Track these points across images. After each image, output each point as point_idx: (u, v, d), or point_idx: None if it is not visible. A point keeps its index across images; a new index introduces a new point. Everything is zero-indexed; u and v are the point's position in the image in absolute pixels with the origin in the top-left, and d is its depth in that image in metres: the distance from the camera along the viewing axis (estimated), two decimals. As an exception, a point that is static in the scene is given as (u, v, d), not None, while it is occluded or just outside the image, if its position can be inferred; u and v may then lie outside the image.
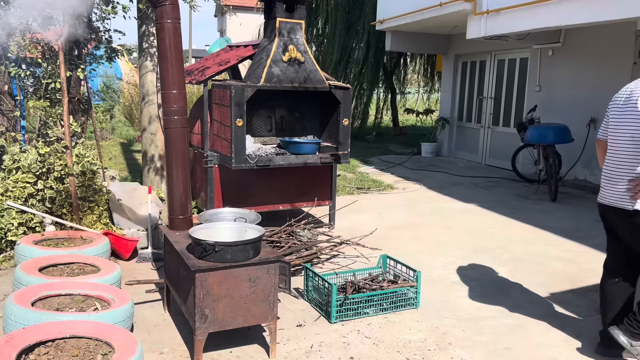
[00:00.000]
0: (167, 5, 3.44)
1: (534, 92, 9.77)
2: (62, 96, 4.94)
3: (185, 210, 3.63)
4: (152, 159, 6.39)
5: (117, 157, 10.11)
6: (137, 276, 4.43)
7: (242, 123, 4.98)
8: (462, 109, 12.05)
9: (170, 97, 3.52)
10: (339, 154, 5.48)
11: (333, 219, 6.01)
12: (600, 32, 8.18)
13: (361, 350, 3.34)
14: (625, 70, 7.88)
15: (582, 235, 5.99)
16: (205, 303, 3.00)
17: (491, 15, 7.78)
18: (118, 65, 17.28)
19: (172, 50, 3.50)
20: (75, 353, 2.62)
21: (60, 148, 4.90)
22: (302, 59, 5.28)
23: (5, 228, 4.62)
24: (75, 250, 4.16)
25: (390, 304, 3.88)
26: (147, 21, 6.09)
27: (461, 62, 12.04)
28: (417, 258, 5.08)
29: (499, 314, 3.93)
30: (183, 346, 3.33)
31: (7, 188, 4.72)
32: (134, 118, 13.90)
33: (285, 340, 3.45)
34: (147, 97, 6.33)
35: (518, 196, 8.03)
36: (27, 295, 3.17)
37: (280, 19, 5.18)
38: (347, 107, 5.52)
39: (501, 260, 5.11)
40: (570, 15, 6.53)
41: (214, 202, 5.46)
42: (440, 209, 7.14)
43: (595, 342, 3.45)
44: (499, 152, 10.73)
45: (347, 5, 13.59)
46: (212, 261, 3.01)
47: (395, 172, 9.91)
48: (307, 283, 4.07)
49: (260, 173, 5.53)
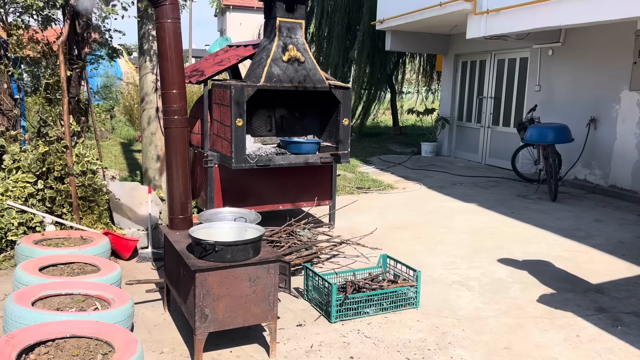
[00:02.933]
0: (167, 5, 3.44)
1: (534, 91, 9.77)
2: (62, 96, 4.94)
3: (185, 210, 3.63)
4: (152, 159, 6.39)
5: (117, 157, 10.11)
6: (137, 276, 4.44)
7: (242, 123, 4.98)
8: (462, 109, 12.05)
9: (170, 96, 3.52)
10: (339, 153, 5.48)
11: (333, 218, 6.01)
12: (600, 32, 8.18)
13: (361, 350, 3.34)
14: (625, 70, 7.88)
15: (582, 235, 5.99)
16: (205, 303, 3.00)
17: (491, 15, 7.78)
18: (118, 65, 17.28)
19: (172, 50, 3.50)
20: (75, 353, 2.62)
21: (60, 148, 4.90)
22: (302, 59, 5.28)
23: (5, 228, 4.62)
24: (75, 250, 4.16)
25: (390, 303, 3.88)
26: (147, 21, 6.09)
27: (461, 61, 12.04)
28: (417, 258, 5.08)
29: (499, 313, 3.93)
30: (183, 346, 3.34)
31: (7, 188, 4.72)
32: (134, 118, 13.90)
33: (285, 339, 3.45)
34: (147, 97, 6.33)
35: (518, 196, 8.04)
36: (27, 295, 3.17)
37: (280, 18, 5.19)
38: (347, 107, 5.52)
39: (501, 260, 5.11)
40: (570, 15, 6.53)
41: (214, 202, 5.46)
42: (440, 209, 7.14)
43: (595, 341, 3.45)
44: (498, 151, 10.74)
45: (347, 6, 13.59)
46: (212, 261, 3.01)
47: (395, 171, 9.91)
48: (307, 283, 4.07)
49: (260, 173, 5.53)
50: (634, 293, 4.35)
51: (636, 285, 4.52)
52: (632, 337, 3.58)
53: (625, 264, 5.07)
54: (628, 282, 4.59)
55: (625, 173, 8.03)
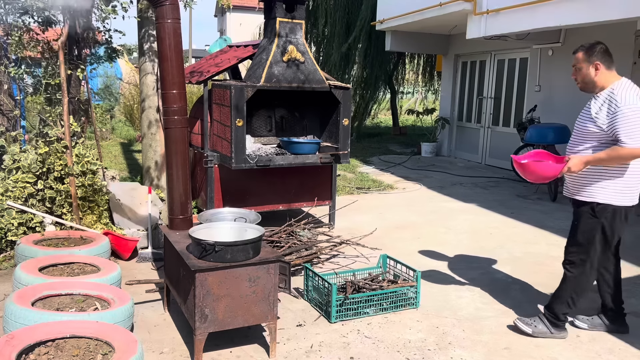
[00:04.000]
0: (167, 5, 3.44)
1: (533, 92, 9.77)
2: (62, 96, 4.94)
3: (185, 210, 3.63)
4: (152, 159, 6.39)
5: (117, 157, 10.11)
6: (137, 276, 4.44)
7: (242, 123, 4.98)
8: (462, 109, 12.05)
9: (170, 97, 3.52)
10: (339, 153, 5.48)
11: (333, 219, 6.01)
12: (600, 32, 8.17)
13: (361, 350, 3.34)
14: (625, 70, 7.87)
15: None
16: (205, 303, 3.00)
17: (491, 15, 7.78)
18: (118, 65, 17.27)
19: (172, 50, 3.50)
20: (75, 353, 2.62)
21: (60, 148, 4.90)
22: (302, 59, 5.28)
23: (5, 228, 4.61)
24: (75, 250, 4.16)
25: (390, 303, 3.88)
26: (147, 22, 6.09)
27: (461, 62, 12.04)
28: (417, 258, 5.08)
29: (499, 314, 3.93)
30: (183, 346, 3.34)
31: (7, 188, 4.72)
32: (134, 118, 13.90)
33: (285, 340, 3.45)
34: (147, 97, 6.33)
35: (518, 196, 8.04)
36: (27, 295, 3.17)
37: (280, 19, 5.19)
38: (347, 107, 5.52)
39: (501, 260, 5.11)
40: (570, 15, 6.53)
41: (214, 202, 5.46)
42: (440, 209, 7.14)
43: (595, 341, 3.45)
44: (498, 152, 10.73)
45: (347, 6, 13.59)
46: (212, 261, 3.01)
47: (395, 172, 9.91)
48: (307, 283, 4.07)
49: (260, 173, 5.53)
50: (633, 293, 4.35)
51: (636, 286, 4.53)
52: (632, 337, 3.58)
53: (625, 264, 5.05)
54: (628, 282, 4.59)
55: (625, 173, 8.01)
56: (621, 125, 3.13)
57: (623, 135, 3.12)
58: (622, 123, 3.13)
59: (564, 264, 3.55)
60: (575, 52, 3.41)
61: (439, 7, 8.72)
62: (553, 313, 3.55)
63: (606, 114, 3.22)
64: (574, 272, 3.47)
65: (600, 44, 3.37)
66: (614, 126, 3.17)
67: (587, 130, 3.33)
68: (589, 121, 3.32)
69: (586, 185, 3.37)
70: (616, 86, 3.29)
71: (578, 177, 3.40)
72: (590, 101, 3.42)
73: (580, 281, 3.46)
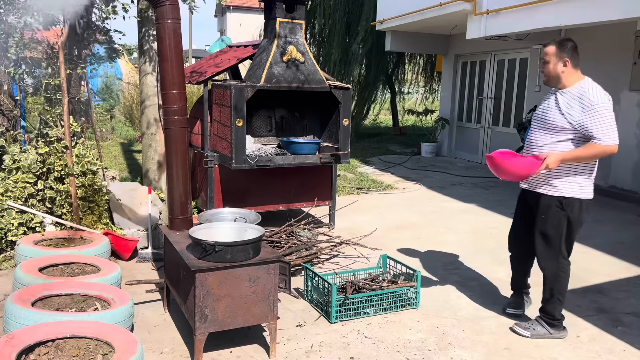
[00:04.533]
0: (167, 6, 3.44)
1: (533, 92, 9.77)
2: (62, 96, 4.94)
3: (185, 210, 3.63)
4: (152, 159, 6.39)
5: (117, 158, 10.11)
6: (137, 276, 4.44)
7: (242, 123, 4.98)
8: (462, 109, 12.05)
9: (170, 97, 3.53)
10: (339, 154, 5.48)
11: (333, 219, 6.01)
12: (600, 32, 8.18)
13: (361, 350, 3.34)
14: (625, 70, 7.88)
15: (581, 235, 5.93)
16: (205, 303, 3.00)
17: (491, 15, 7.78)
18: (118, 65, 17.27)
19: (172, 50, 3.50)
20: (75, 353, 2.62)
21: (60, 148, 4.90)
22: (302, 60, 5.28)
23: (5, 228, 4.62)
24: (75, 250, 4.16)
25: (390, 304, 3.88)
26: (147, 22, 6.09)
27: (461, 62, 12.04)
28: (417, 258, 5.08)
29: (499, 314, 3.93)
30: (183, 346, 3.34)
31: (7, 188, 4.72)
32: (134, 118, 13.90)
33: (285, 340, 3.45)
34: (147, 97, 6.33)
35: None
36: (27, 295, 3.17)
37: (280, 19, 5.19)
38: (347, 107, 5.52)
39: (501, 260, 5.11)
40: (570, 15, 6.53)
41: (214, 202, 5.46)
42: (440, 209, 7.14)
43: (595, 341, 3.45)
44: (499, 152, 10.71)
45: (347, 6, 13.58)
46: (212, 261, 3.01)
47: (395, 172, 9.91)
48: (307, 283, 4.07)
49: (260, 173, 5.53)
50: (633, 293, 4.35)
51: (636, 286, 4.52)
52: (632, 337, 3.58)
53: (625, 264, 5.07)
54: (628, 283, 4.59)
55: (625, 173, 8.03)
56: (596, 123, 3.18)
57: (598, 132, 3.17)
58: (597, 121, 3.18)
59: (539, 265, 3.57)
60: (547, 45, 3.42)
61: (439, 7, 8.72)
62: (548, 314, 3.56)
63: (579, 111, 3.25)
64: (550, 268, 3.51)
65: (571, 41, 3.38)
66: (587, 123, 3.21)
67: (555, 125, 3.35)
68: (559, 115, 3.33)
69: (552, 180, 3.40)
70: (585, 84, 3.32)
71: (544, 172, 3.41)
72: (553, 95, 3.44)
73: (558, 276, 3.50)
